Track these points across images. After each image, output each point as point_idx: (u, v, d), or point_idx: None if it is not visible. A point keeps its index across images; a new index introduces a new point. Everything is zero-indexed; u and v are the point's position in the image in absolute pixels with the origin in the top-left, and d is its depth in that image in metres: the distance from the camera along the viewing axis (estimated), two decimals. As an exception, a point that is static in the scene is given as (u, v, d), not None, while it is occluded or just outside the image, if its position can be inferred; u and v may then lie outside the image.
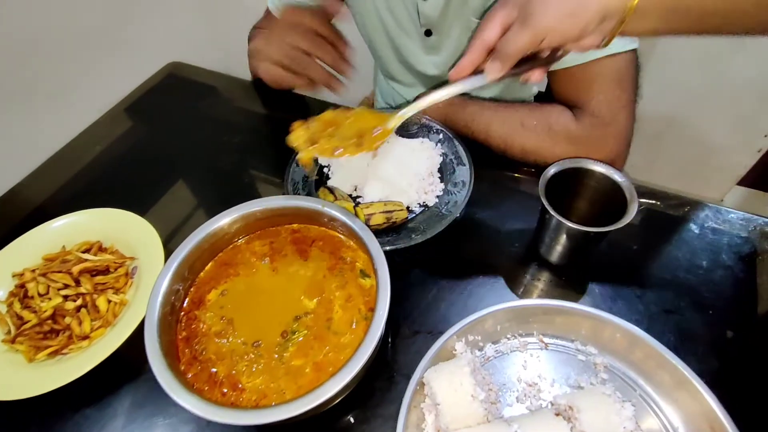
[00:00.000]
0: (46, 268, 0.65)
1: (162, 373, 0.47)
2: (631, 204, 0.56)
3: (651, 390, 0.51)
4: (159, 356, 0.49)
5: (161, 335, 0.51)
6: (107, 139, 0.91)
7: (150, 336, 0.50)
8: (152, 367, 0.48)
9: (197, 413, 0.45)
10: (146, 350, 0.49)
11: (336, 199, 0.67)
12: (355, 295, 0.56)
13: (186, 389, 0.47)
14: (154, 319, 0.51)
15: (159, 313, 0.52)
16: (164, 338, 0.52)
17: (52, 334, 0.61)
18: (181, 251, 0.56)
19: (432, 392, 0.48)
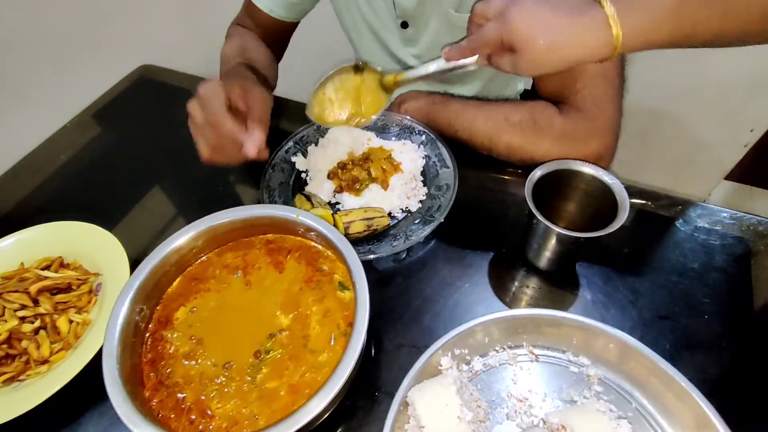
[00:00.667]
0: (2, 288, 0.61)
1: (121, 404, 0.44)
2: (621, 207, 0.53)
3: (647, 402, 0.48)
4: (119, 384, 0.45)
5: (122, 360, 0.47)
6: (73, 147, 0.86)
7: (109, 362, 0.46)
8: (111, 398, 0.44)
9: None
10: (104, 379, 0.45)
11: (313, 207, 0.63)
12: (334, 309, 0.53)
13: (149, 420, 0.43)
14: (114, 344, 0.48)
15: (120, 336, 0.48)
16: (126, 363, 0.48)
17: (8, 360, 0.56)
18: (144, 269, 0.52)
19: (416, 414, 0.45)
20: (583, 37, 0.46)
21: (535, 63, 0.48)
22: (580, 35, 0.46)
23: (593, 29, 0.45)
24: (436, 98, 0.79)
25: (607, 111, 0.67)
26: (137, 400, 0.45)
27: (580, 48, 0.47)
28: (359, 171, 0.70)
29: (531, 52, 0.47)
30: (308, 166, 0.75)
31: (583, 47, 0.46)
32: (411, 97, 0.81)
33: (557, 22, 0.46)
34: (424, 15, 0.79)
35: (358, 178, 0.69)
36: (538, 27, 0.47)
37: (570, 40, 0.46)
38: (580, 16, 0.46)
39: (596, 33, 0.45)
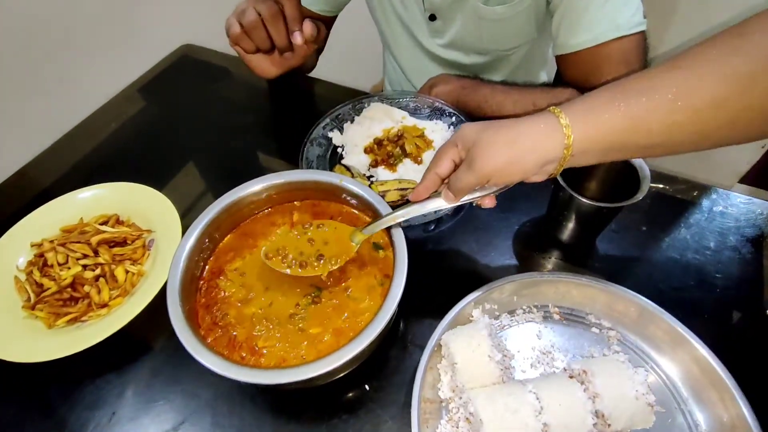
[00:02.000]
0: (65, 239, 0.66)
1: (185, 335, 0.48)
2: (643, 181, 0.57)
3: (661, 362, 0.52)
4: (182, 320, 0.50)
5: (183, 301, 0.52)
6: (121, 117, 0.92)
7: (173, 300, 0.51)
8: (176, 330, 0.48)
9: (218, 372, 0.45)
10: (169, 315, 0.50)
11: (353, 176, 0.68)
12: (369, 263, 0.57)
13: (207, 349, 0.48)
14: (176, 285, 0.52)
15: (180, 280, 0.53)
16: (185, 304, 0.52)
17: (72, 302, 0.62)
18: (202, 221, 0.57)
19: (450, 353, 0.49)
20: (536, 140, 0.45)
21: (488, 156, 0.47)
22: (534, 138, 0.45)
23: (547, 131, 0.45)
24: (465, 82, 0.83)
25: None
26: (196, 335, 0.50)
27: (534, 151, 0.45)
28: (393, 147, 0.75)
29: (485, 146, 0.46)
30: (344, 141, 0.79)
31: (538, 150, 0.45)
32: (441, 81, 0.85)
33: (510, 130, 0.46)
34: (452, 8, 0.82)
35: (393, 153, 0.74)
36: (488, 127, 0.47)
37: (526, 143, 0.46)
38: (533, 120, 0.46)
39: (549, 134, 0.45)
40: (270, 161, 0.85)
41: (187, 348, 0.47)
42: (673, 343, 0.51)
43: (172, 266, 0.53)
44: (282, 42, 0.67)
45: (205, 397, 0.56)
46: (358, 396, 0.55)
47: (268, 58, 0.73)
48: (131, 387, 0.57)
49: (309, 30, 0.66)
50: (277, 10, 0.64)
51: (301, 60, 0.73)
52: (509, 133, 0.46)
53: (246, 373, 0.46)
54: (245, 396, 0.56)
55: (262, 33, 0.66)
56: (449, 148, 0.50)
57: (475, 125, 0.49)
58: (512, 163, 0.46)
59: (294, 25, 0.66)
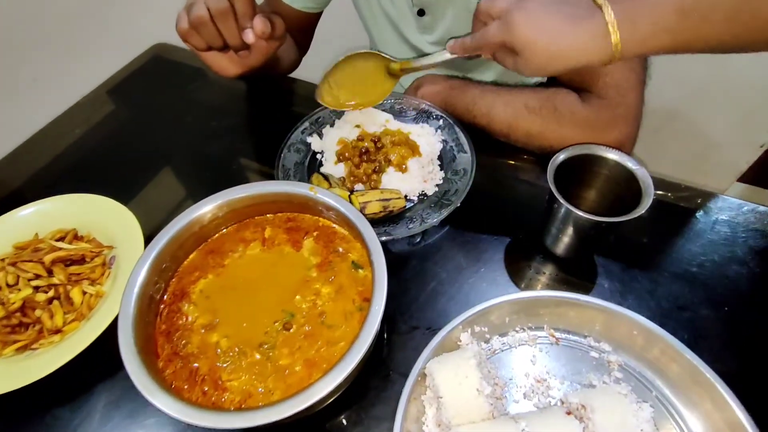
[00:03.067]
0: (16, 257, 0.60)
1: (136, 372, 0.43)
2: (646, 193, 0.52)
3: (668, 392, 0.47)
4: (134, 353, 0.45)
5: (137, 330, 0.47)
6: (88, 122, 0.86)
7: (124, 331, 0.46)
8: (126, 365, 0.44)
9: (174, 416, 0.41)
10: (120, 347, 0.45)
11: (331, 186, 0.63)
12: (347, 285, 0.52)
13: (163, 389, 0.43)
14: (129, 313, 0.47)
15: (135, 306, 0.48)
16: (141, 333, 0.48)
17: (21, 328, 0.56)
18: (161, 239, 0.52)
19: (434, 384, 0.44)
20: (583, 44, 0.46)
21: (537, 66, 0.49)
22: (580, 41, 0.46)
23: (594, 36, 0.45)
24: (454, 83, 0.78)
25: (629, 98, 0.66)
26: (151, 370, 0.45)
27: (580, 54, 0.47)
28: (369, 164, 0.69)
29: (532, 57, 0.48)
30: (324, 147, 0.74)
31: (584, 53, 0.46)
32: (428, 81, 0.80)
33: (559, 27, 0.46)
34: (441, 2, 0.78)
35: (375, 169, 0.68)
36: (540, 32, 0.47)
37: (571, 46, 0.47)
38: (582, 22, 0.46)
39: (596, 39, 0.45)
40: (247, 168, 0.80)
41: (137, 386, 0.42)
42: (681, 370, 0.46)
43: (126, 291, 0.48)
44: (233, 40, 0.61)
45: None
46: (334, 430, 0.50)
47: (226, 56, 0.67)
48: (85, 424, 0.52)
49: (260, 27, 0.60)
50: (226, 6, 0.58)
51: (261, 58, 0.67)
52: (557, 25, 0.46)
53: (204, 416, 0.41)
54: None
55: (210, 29, 0.60)
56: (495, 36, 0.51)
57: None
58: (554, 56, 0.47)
59: (244, 21, 0.60)
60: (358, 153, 0.69)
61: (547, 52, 0.47)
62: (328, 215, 0.58)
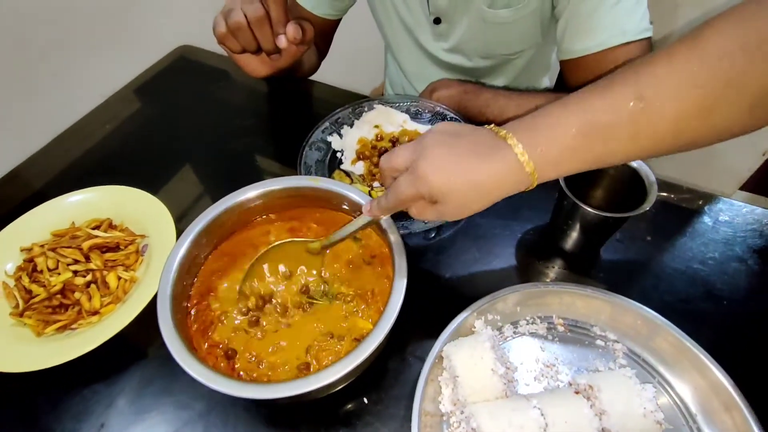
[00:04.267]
0: (55, 243, 0.64)
1: (174, 344, 0.46)
2: (650, 191, 0.55)
3: (669, 377, 0.51)
4: (170, 326, 0.48)
5: (173, 309, 0.50)
6: (117, 118, 0.90)
7: (162, 308, 0.49)
8: (163, 336, 0.46)
9: (209, 385, 0.44)
10: (158, 319, 0.48)
11: (352, 182, 0.66)
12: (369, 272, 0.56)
13: (197, 361, 0.46)
14: (167, 291, 0.50)
15: (172, 285, 0.51)
16: (176, 313, 0.51)
17: (62, 309, 0.60)
18: (202, 219, 0.55)
19: (451, 365, 0.48)
20: (501, 177, 0.43)
21: (459, 209, 0.46)
22: (497, 175, 0.43)
23: (508, 167, 0.43)
24: (467, 87, 0.82)
25: None
26: (185, 340, 0.48)
27: (499, 188, 0.44)
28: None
29: (452, 201, 0.45)
30: (343, 146, 0.78)
31: (503, 185, 0.44)
32: (443, 85, 0.84)
33: (471, 166, 0.43)
34: (457, 11, 0.81)
35: None
36: (454, 176, 0.43)
37: (488, 182, 0.43)
38: (493, 157, 0.43)
39: (512, 170, 0.43)
40: (268, 165, 0.84)
41: (177, 359, 0.46)
42: (682, 357, 0.50)
43: (164, 273, 0.52)
44: (267, 44, 0.66)
45: (197, 409, 0.54)
46: (356, 409, 0.53)
47: (257, 58, 0.71)
48: (121, 397, 0.55)
49: (292, 32, 0.64)
50: (263, 13, 0.62)
51: (290, 61, 0.71)
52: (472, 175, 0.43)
53: (238, 387, 0.44)
54: (239, 408, 0.54)
55: (247, 34, 0.64)
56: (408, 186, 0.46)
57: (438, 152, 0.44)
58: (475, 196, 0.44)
59: (279, 27, 0.64)
60: (378, 153, 0.72)
61: (467, 194, 0.44)
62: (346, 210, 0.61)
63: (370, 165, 0.73)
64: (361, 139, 0.75)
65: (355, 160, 0.74)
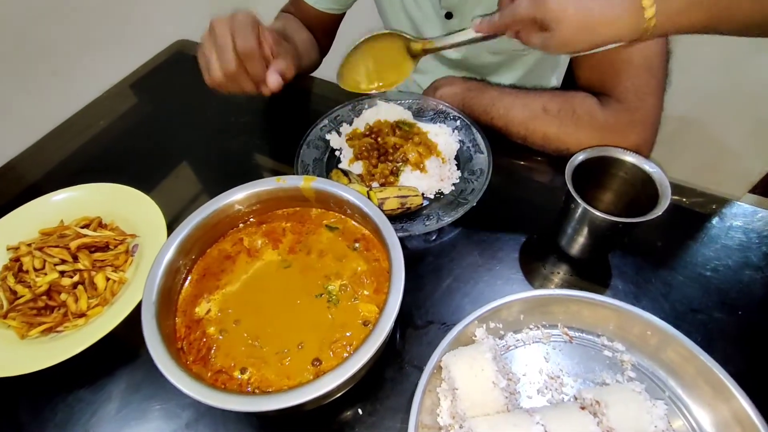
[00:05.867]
0: (43, 243, 0.62)
1: (158, 353, 0.44)
2: (663, 195, 0.53)
3: (681, 392, 0.48)
4: (156, 334, 0.46)
5: (160, 313, 0.48)
6: (111, 114, 0.88)
7: (147, 314, 0.47)
8: (148, 346, 0.45)
9: (194, 396, 0.42)
10: (143, 328, 0.46)
11: (350, 182, 0.64)
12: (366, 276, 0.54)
13: (183, 371, 0.44)
14: (152, 297, 0.48)
15: (159, 289, 0.49)
16: (163, 317, 0.49)
17: (47, 311, 0.58)
18: (188, 224, 0.53)
19: (450, 376, 0.45)
20: (615, 17, 0.45)
21: (565, 41, 0.48)
22: (613, 15, 0.45)
23: (626, 10, 0.45)
24: (472, 85, 0.79)
25: (648, 103, 0.67)
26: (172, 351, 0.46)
27: (611, 29, 0.46)
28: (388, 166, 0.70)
29: (562, 30, 0.47)
30: (342, 144, 0.76)
31: (615, 28, 0.46)
32: (447, 83, 0.82)
33: (590, 3, 0.46)
34: (468, 5, 0.79)
35: (392, 170, 0.69)
36: (572, 8, 0.46)
37: (602, 19, 0.46)
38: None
39: (629, 14, 0.45)
40: (266, 163, 0.81)
41: (159, 367, 0.43)
42: (694, 372, 0.47)
43: (151, 273, 0.49)
44: (258, 78, 0.65)
45: (186, 418, 0.52)
46: (350, 420, 0.51)
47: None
48: (106, 405, 0.53)
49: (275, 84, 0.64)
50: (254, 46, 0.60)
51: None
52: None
53: (222, 399, 0.42)
54: (228, 418, 0.52)
55: (242, 78, 0.63)
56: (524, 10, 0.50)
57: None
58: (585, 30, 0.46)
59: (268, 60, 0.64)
60: (377, 154, 0.70)
61: (578, 25, 0.46)
62: (347, 211, 0.59)
63: (369, 165, 0.70)
64: (355, 131, 0.73)
65: (352, 160, 0.72)
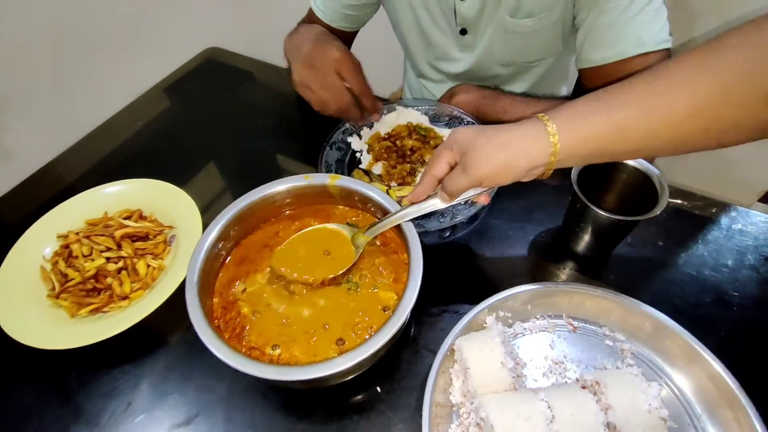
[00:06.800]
0: (90, 231, 0.68)
1: (200, 326, 0.49)
2: (661, 196, 0.57)
3: (675, 377, 0.52)
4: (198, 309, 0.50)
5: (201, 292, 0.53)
6: (146, 116, 0.94)
7: (191, 292, 0.52)
8: (191, 319, 0.49)
9: (232, 365, 0.46)
10: (187, 304, 0.51)
11: (371, 181, 0.69)
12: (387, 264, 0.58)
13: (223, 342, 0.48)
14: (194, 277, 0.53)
15: (200, 271, 0.54)
16: (203, 296, 0.53)
17: (94, 293, 0.63)
18: (228, 212, 0.58)
19: (462, 358, 0.50)
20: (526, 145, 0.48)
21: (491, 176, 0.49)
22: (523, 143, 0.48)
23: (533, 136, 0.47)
24: (486, 92, 0.84)
25: None
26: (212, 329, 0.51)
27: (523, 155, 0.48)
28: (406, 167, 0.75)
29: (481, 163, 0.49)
30: (362, 146, 0.81)
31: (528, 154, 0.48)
32: (462, 90, 0.86)
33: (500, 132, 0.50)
34: (482, 21, 0.82)
35: (410, 170, 0.74)
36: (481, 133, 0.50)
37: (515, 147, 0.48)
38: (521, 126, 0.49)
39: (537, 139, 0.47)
40: (290, 164, 0.87)
41: (202, 338, 0.48)
42: (689, 359, 0.51)
43: (192, 258, 0.55)
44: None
45: (218, 392, 0.57)
46: (369, 398, 0.55)
47: None
48: (147, 379, 0.58)
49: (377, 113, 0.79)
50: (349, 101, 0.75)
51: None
52: (500, 138, 0.49)
53: (254, 367, 0.46)
54: (258, 393, 0.57)
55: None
56: (444, 152, 0.53)
57: (469, 130, 0.51)
58: (504, 168, 0.49)
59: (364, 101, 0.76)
60: (395, 156, 0.75)
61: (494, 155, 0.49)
62: (368, 208, 0.64)
63: (388, 166, 0.75)
64: (376, 134, 0.78)
65: (372, 163, 0.77)
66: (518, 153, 0.48)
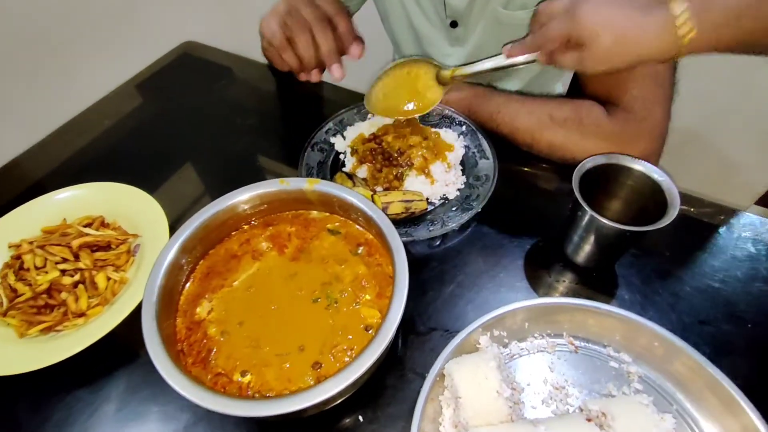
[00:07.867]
0: (45, 241, 0.62)
1: (158, 355, 0.44)
2: (672, 204, 0.52)
3: (689, 405, 0.47)
4: (156, 336, 0.45)
5: (160, 314, 0.47)
6: (117, 114, 0.88)
7: (148, 315, 0.46)
8: (148, 347, 0.44)
9: (193, 400, 0.41)
10: (143, 329, 0.45)
11: (354, 185, 0.64)
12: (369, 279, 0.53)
13: (183, 374, 0.43)
14: (153, 297, 0.48)
15: (160, 289, 0.48)
16: (163, 317, 0.48)
17: (47, 310, 0.57)
18: (192, 223, 0.53)
19: (453, 384, 0.44)
20: (652, 35, 0.46)
21: (601, 59, 0.49)
22: (647, 34, 0.46)
23: (662, 28, 0.45)
24: (478, 90, 0.79)
25: (655, 113, 0.66)
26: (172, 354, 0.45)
27: (646, 47, 0.47)
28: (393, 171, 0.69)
29: (598, 48, 0.48)
30: (346, 147, 0.75)
31: (650, 46, 0.47)
32: (453, 87, 0.81)
33: (627, 17, 0.47)
34: (473, 13, 0.79)
35: (397, 174, 0.69)
36: (608, 23, 0.47)
37: (638, 38, 0.47)
38: (649, 15, 0.46)
39: (665, 32, 0.45)
40: (270, 165, 0.81)
41: (158, 369, 0.43)
42: (702, 385, 0.46)
43: (151, 275, 0.49)
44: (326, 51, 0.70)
45: (184, 421, 0.51)
46: (350, 427, 0.50)
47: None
48: (105, 405, 0.53)
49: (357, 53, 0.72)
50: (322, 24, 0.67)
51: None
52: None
53: (221, 403, 0.41)
54: (228, 422, 0.51)
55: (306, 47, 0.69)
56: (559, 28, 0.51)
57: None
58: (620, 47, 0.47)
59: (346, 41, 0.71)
60: (381, 158, 0.70)
61: (614, 43, 0.47)
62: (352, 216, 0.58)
63: (374, 170, 0.70)
64: (361, 135, 0.73)
65: (356, 166, 0.71)
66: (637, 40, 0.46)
